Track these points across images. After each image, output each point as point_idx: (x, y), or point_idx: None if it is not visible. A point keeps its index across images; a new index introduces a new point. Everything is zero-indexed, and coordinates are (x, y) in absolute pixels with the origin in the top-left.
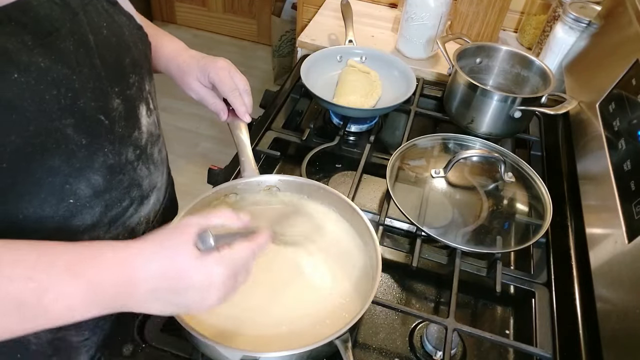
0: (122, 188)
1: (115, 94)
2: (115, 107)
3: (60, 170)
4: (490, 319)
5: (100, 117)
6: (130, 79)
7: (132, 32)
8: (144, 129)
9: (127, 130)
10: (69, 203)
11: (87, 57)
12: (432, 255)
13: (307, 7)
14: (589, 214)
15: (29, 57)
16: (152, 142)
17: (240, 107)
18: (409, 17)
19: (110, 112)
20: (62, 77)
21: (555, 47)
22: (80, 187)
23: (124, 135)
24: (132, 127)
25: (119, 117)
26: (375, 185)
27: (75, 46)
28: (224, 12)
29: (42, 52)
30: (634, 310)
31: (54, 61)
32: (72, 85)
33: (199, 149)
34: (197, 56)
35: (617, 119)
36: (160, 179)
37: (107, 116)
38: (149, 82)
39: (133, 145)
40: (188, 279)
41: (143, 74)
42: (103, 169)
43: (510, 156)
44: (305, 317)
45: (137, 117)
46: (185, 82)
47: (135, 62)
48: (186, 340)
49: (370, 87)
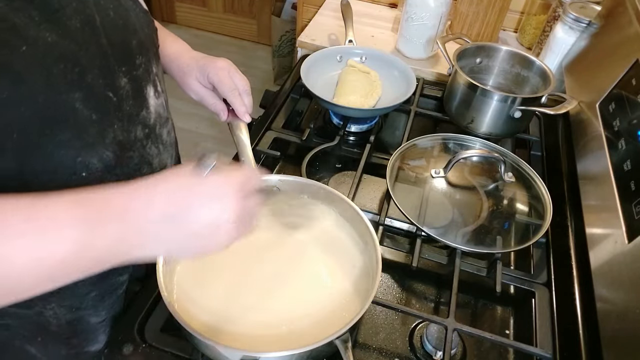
0: (133, 165)
1: (122, 73)
2: (123, 85)
3: (71, 144)
4: (490, 319)
5: (108, 94)
6: (137, 60)
7: (138, 16)
8: (152, 109)
9: (135, 109)
10: (81, 177)
11: (94, 35)
12: (432, 255)
13: (307, 7)
14: (589, 214)
15: (37, 31)
16: (161, 124)
17: (239, 107)
18: (409, 17)
19: (117, 89)
20: (69, 52)
21: (555, 47)
22: (92, 162)
23: (132, 113)
24: (140, 106)
25: (126, 96)
26: (375, 185)
27: (81, 24)
28: (224, 12)
29: (49, 27)
30: (634, 310)
31: (61, 36)
32: (79, 61)
33: (199, 149)
34: (198, 57)
35: (617, 119)
36: (169, 161)
37: (115, 93)
38: (156, 65)
39: (141, 124)
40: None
41: (150, 57)
42: (113, 145)
43: (510, 156)
44: (305, 317)
45: (145, 97)
46: (185, 82)
47: (141, 45)
48: (186, 340)
49: (370, 87)
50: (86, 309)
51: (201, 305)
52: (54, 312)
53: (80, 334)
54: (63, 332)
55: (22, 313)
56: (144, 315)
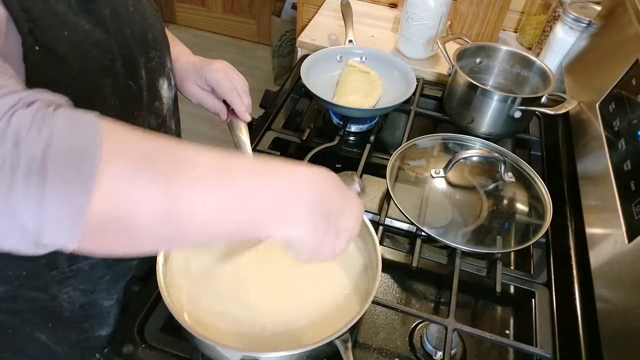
0: None
1: (142, 64)
2: (142, 75)
3: None
4: (490, 319)
5: (130, 83)
6: (151, 53)
7: (152, 12)
8: (164, 100)
9: (150, 99)
10: None
11: (121, 26)
12: (432, 255)
13: (307, 7)
14: (589, 214)
15: (75, 19)
16: (171, 115)
17: (239, 106)
18: (409, 17)
19: (138, 78)
20: (103, 40)
21: (555, 47)
22: None
23: (148, 103)
24: (154, 97)
25: (144, 86)
26: (375, 185)
27: (111, 15)
28: (224, 12)
29: (86, 16)
30: (634, 310)
31: (95, 25)
32: (111, 49)
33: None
34: (195, 60)
35: (617, 119)
36: None
37: (136, 82)
38: (169, 60)
39: (155, 114)
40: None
41: (164, 51)
42: None
43: (510, 156)
44: (305, 317)
45: (158, 89)
46: (183, 86)
47: (156, 39)
48: (186, 340)
49: (370, 87)
50: (100, 292)
51: (201, 305)
52: (68, 295)
53: (93, 317)
54: (75, 316)
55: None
56: (144, 315)
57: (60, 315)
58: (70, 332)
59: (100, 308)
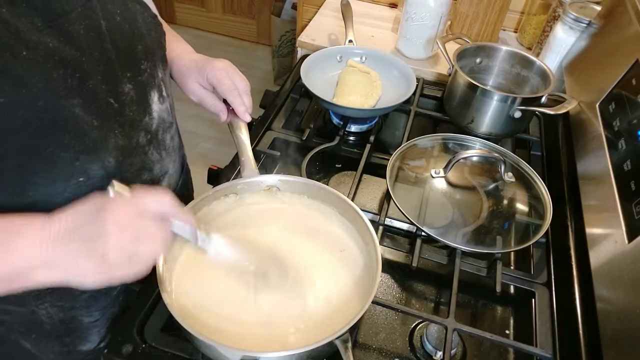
0: (134, 170)
1: (126, 79)
2: (126, 91)
3: (71, 146)
4: (490, 319)
5: (110, 100)
6: (142, 66)
7: (145, 20)
8: (155, 114)
9: (138, 115)
10: (78, 181)
11: (98, 41)
12: (432, 255)
13: (307, 7)
14: (589, 214)
15: (38, 37)
16: (164, 129)
17: (239, 106)
18: (409, 17)
19: (120, 95)
20: (70, 58)
21: (555, 47)
22: (92, 167)
23: (135, 119)
24: (143, 112)
25: (129, 102)
26: (375, 185)
27: (85, 30)
28: (224, 13)
29: (51, 33)
30: (634, 310)
31: (62, 42)
32: (80, 67)
33: (199, 149)
34: (197, 59)
35: (617, 119)
36: (172, 166)
37: (117, 99)
38: (163, 69)
39: (144, 130)
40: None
41: (156, 61)
42: (115, 151)
43: (510, 156)
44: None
45: (148, 103)
46: (185, 84)
47: (147, 50)
48: (186, 340)
49: (370, 87)
50: (79, 309)
51: (201, 305)
52: (46, 311)
53: (73, 332)
54: (56, 330)
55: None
56: (144, 315)
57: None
58: (53, 343)
59: (80, 324)
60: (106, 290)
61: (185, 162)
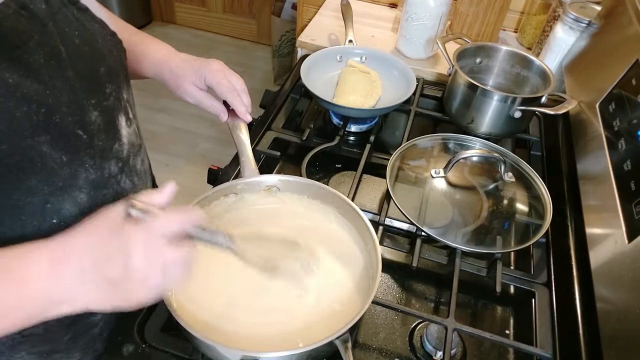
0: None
1: (92, 106)
2: (94, 120)
3: (39, 190)
4: (490, 319)
5: (78, 132)
6: (106, 89)
7: (105, 39)
8: (124, 140)
9: (108, 143)
10: (52, 223)
11: (60, 69)
12: (432, 255)
13: (307, 7)
14: (589, 214)
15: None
16: (134, 153)
17: (240, 107)
18: (409, 17)
19: (88, 125)
20: (33, 92)
21: (555, 47)
22: (64, 207)
23: (105, 148)
24: (113, 139)
25: (97, 130)
26: (375, 185)
27: (45, 59)
28: (224, 12)
29: (10, 67)
30: (634, 310)
31: (23, 76)
32: (45, 101)
33: (199, 149)
34: (190, 59)
35: (617, 119)
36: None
37: (86, 130)
38: (127, 90)
39: (115, 158)
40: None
41: (120, 83)
42: (86, 186)
43: (510, 156)
44: (306, 317)
45: (117, 129)
46: (180, 86)
47: (111, 71)
48: (186, 340)
49: (370, 87)
50: (59, 352)
51: (201, 305)
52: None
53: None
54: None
55: None
56: (144, 315)
57: None
58: None
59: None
60: (87, 329)
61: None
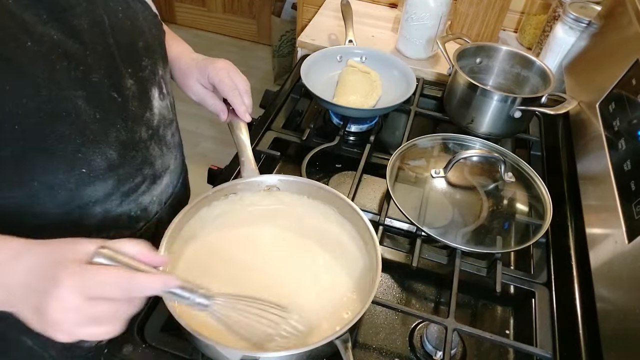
0: (135, 164)
1: (128, 75)
2: (129, 86)
3: (72, 138)
4: (490, 319)
5: (113, 94)
6: (143, 62)
7: (146, 18)
8: (156, 110)
9: (140, 110)
10: (81, 172)
11: (102, 36)
12: (432, 255)
13: (307, 7)
14: (589, 214)
15: (43, 29)
16: (165, 125)
17: (240, 106)
18: (409, 17)
19: (123, 90)
20: (74, 51)
21: (555, 47)
22: (94, 159)
23: (137, 114)
24: (144, 107)
25: (132, 97)
26: (375, 185)
27: (89, 25)
28: (224, 12)
29: (57, 26)
30: (634, 310)
31: (67, 36)
32: (84, 60)
33: (199, 149)
34: (198, 58)
35: (617, 119)
36: (173, 162)
37: (120, 94)
38: (163, 67)
39: (145, 125)
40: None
41: (156, 59)
42: (116, 144)
43: (510, 156)
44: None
45: (150, 99)
46: (186, 83)
47: (148, 47)
48: (186, 340)
49: (370, 87)
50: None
51: None
52: None
53: None
54: None
55: None
56: (144, 315)
57: None
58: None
59: None
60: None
61: (184, 162)
